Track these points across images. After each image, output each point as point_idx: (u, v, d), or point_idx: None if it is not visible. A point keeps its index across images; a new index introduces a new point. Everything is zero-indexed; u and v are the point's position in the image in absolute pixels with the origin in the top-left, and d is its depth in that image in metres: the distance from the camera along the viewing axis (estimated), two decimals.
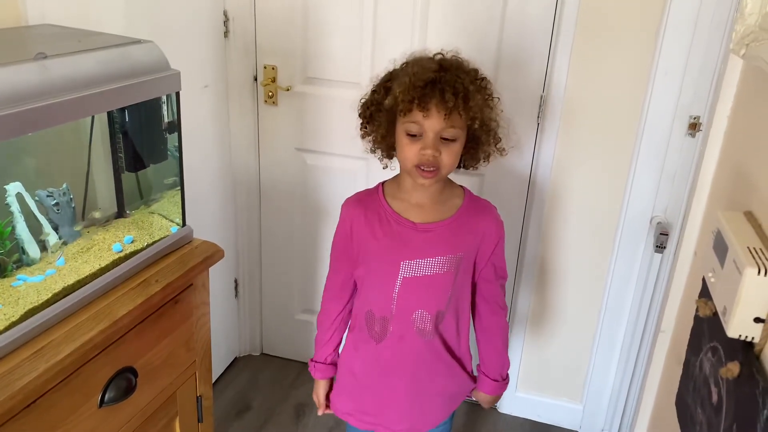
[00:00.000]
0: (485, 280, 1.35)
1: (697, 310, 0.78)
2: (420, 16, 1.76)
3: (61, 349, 0.92)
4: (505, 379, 1.42)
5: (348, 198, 1.33)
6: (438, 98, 1.12)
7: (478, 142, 1.23)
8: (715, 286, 0.68)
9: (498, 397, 1.44)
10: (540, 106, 1.75)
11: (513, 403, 2.10)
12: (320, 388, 1.43)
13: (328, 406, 1.44)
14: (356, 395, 1.39)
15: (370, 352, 1.33)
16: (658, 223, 1.72)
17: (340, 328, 1.39)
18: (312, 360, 1.42)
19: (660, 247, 1.69)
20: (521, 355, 2.04)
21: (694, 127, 1.65)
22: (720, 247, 0.69)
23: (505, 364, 1.42)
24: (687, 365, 0.81)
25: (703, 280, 0.79)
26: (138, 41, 1.09)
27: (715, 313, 0.69)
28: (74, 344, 0.94)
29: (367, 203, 1.29)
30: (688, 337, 0.85)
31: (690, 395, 0.75)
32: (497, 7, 1.70)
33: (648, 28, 1.61)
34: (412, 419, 1.37)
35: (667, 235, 1.67)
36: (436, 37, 1.74)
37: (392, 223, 1.26)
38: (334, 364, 1.41)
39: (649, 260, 1.79)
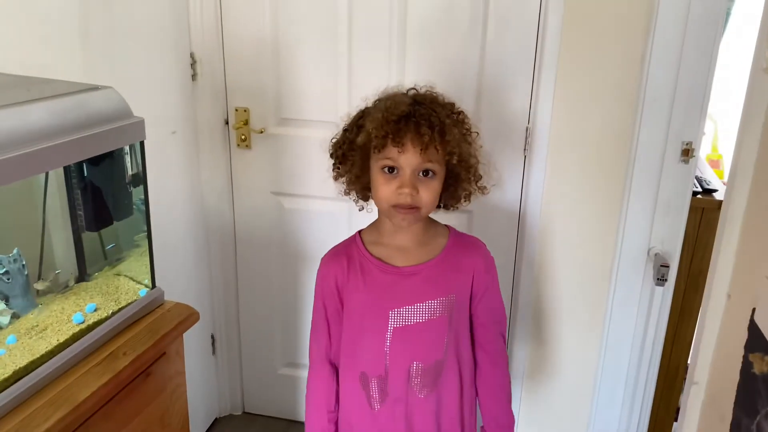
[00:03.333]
0: (481, 325, 1.26)
1: (750, 367, 0.69)
2: (397, 51, 1.69)
3: None
4: None
5: (324, 255, 1.25)
6: (413, 132, 1.06)
7: (458, 179, 1.16)
8: None
9: None
10: (526, 138, 1.68)
11: None
12: None
13: None
14: None
15: (368, 421, 1.21)
16: (656, 255, 1.65)
17: (336, 407, 1.26)
18: None
19: (661, 280, 1.61)
20: (521, 397, 1.93)
21: (686, 153, 1.59)
22: None
23: (511, 421, 1.30)
24: (738, 427, 0.72)
25: (751, 330, 0.70)
26: (95, 87, 0.99)
27: None
28: None
29: (346, 254, 1.21)
30: (731, 392, 0.75)
31: None
32: (476, 39, 1.64)
33: (633, 54, 1.56)
34: None
35: (668, 267, 1.60)
36: (415, 71, 1.67)
37: (375, 271, 1.17)
38: None
39: (650, 293, 1.71)
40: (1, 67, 1.12)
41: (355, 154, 1.14)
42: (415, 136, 1.06)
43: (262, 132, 1.83)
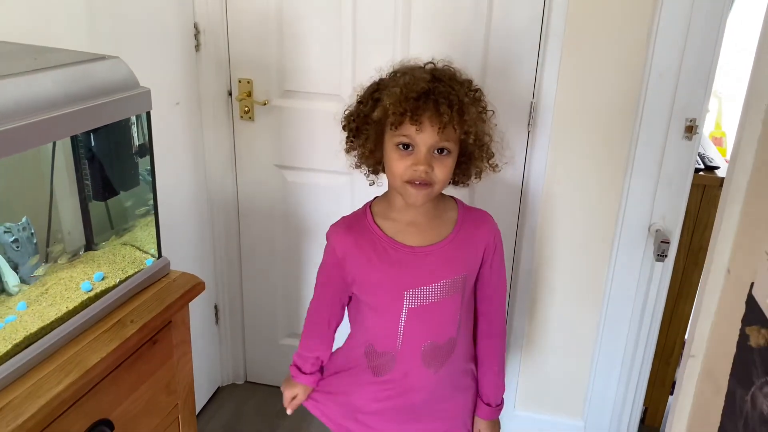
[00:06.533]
0: (487, 296, 1.27)
1: (747, 339, 0.70)
2: (402, 24, 1.68)
3: (24, 409, 0.81)
4: (500, 405, 1.33)
5: (334, 225, 1.23)
6: (432, 111, 1.05)
7: (471, 157, 1.16)
8: None
9: (496, 422, 1.35)
10: (530, 113, 1.68)
11: (512, 422, 2.02)
12: (302, 394, 1.32)
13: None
14: None
15: (373, 387, 1.23)
16: (657, 231, 1.66)
17: (327, 349, 1.31)
18: (296, 366, 1.33)
19: (661, 256, 1.63)
20: (519, 371, 1.96)
21: (690, 129, 1.59)
22: None
23: (501, 388, 1.34)
24: (732, 398, 0.73)
25: (749, 304, 0.71)
26: (102, 57, 0.99)
27: None
28: (40, 401, 0.83)
29: (358, 229, 1.20)
30: (727, 365, 0.77)
31: None
32: (482, 12, 1.62)
33: (639, 29, 1.55)
34: None
35: (668, 243, 1.61)
36: (419, 44, 1.66)
37: (388, 249, 1.16)
38: (320, 371, 1.34)
39: (650, 269, 1.73)
40: (6, 37, 1.12)
41: (369, 128, 1.12)
42: (433, 114, 1.05)
43: (265, 104, 1.83)
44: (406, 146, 1.09)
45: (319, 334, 1.29)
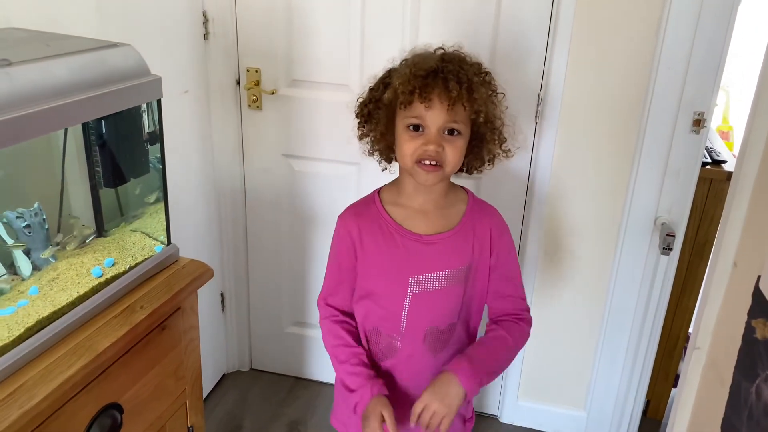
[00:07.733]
0: (499, 295, 1.24)
1: (752, 332, 0.71)
2: (410, 14, 1.67)
3: (36, 392, 0.83)
4: (474, 387, 1.13)
5: (344, 211, 1.24)
6: (441, 88, 1.06)
7: (483, 140, 1.16)
8: None
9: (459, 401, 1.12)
10: (538, 104, 1.68)
11: (514, 412, 2.03)
12: (374, 420, 1.11)
13: None
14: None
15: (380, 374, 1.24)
16: (662, 224, 1.67)
17: (359, 340, 1.24)
18: (351, 391, 1.17)
19: (667, 249, 1.63)
20: (522, 361, 1.97)
21: (698, 123, 1.59)
22: None
23: (491, 373, 1.18)
24: (737, 389, 0.74)
25: (755, 297, 0.71)
26: (114, 44, 1.00)
27: None
28: (52, 384, 0.84)
29: (366, 215, 1.21)
30: (732, 357, 0.78)
31: (744, 424, 0.69)
32: (491, 4, 1.62)
33: (649, 21, 1.55)
34: None
35: (674, 236, 1.61)
36: (427, 35, 1.66)
37: (395, 235, 1.17)
38: (376, 377, 1.20)
39: (655, 262, 1.73)
40: (16, 23, 1.12)
41: (380, 112, 1.13)
42: (442, 91, 1.05)
43: (273, 93, 1.83)
44: (416, 128, 1.09)
45: (347, 327, 1.23)
